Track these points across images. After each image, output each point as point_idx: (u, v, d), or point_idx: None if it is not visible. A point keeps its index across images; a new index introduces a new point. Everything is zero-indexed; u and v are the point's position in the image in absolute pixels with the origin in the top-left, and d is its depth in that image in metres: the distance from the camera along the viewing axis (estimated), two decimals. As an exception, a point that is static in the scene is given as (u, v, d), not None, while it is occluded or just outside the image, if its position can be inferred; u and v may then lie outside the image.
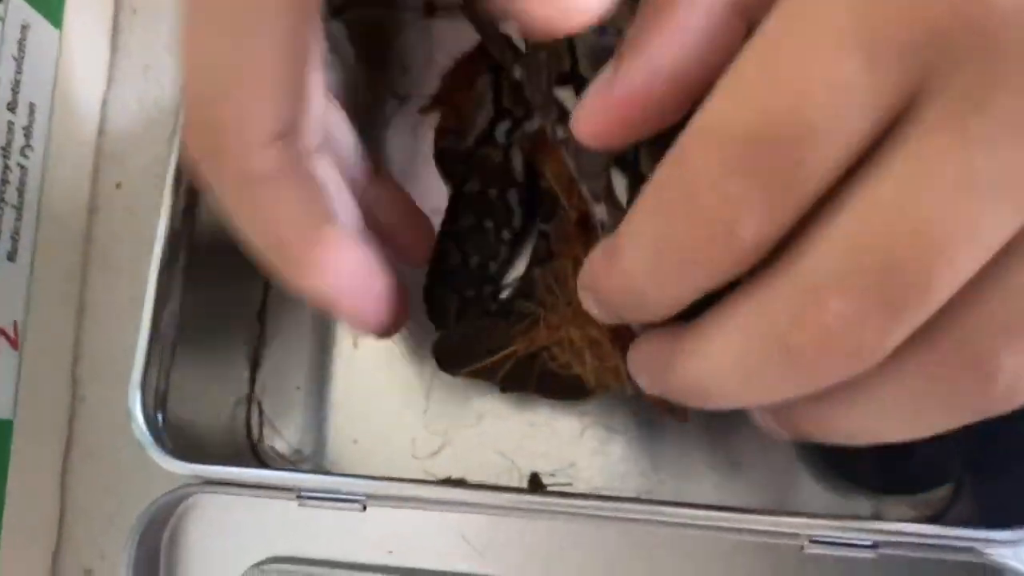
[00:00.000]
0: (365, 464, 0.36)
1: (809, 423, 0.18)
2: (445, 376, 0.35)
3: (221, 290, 0.36)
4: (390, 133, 0.39)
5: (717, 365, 0.17)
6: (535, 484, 0.35)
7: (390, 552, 0.29)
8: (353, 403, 0.37)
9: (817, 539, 0.25)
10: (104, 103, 0.42)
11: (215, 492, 0.29)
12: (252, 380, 0.38)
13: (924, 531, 0.25)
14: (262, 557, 0.30)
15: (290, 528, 0.30)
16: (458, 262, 0.32)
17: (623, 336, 0.29)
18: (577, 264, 0.29)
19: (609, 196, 0.23)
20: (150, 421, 0.29)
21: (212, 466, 0.28)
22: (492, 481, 0.34)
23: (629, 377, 0.25)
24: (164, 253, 0.30)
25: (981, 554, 0.26)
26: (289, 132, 0.22)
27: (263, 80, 0.21)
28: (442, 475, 0.35)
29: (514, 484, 0.34)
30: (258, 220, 0.23)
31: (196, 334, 0.34)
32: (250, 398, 0.37)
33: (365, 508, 0.27)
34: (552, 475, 0.35)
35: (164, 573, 0.30)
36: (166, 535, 0.30)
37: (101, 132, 0.42)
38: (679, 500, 0.33)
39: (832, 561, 0.26)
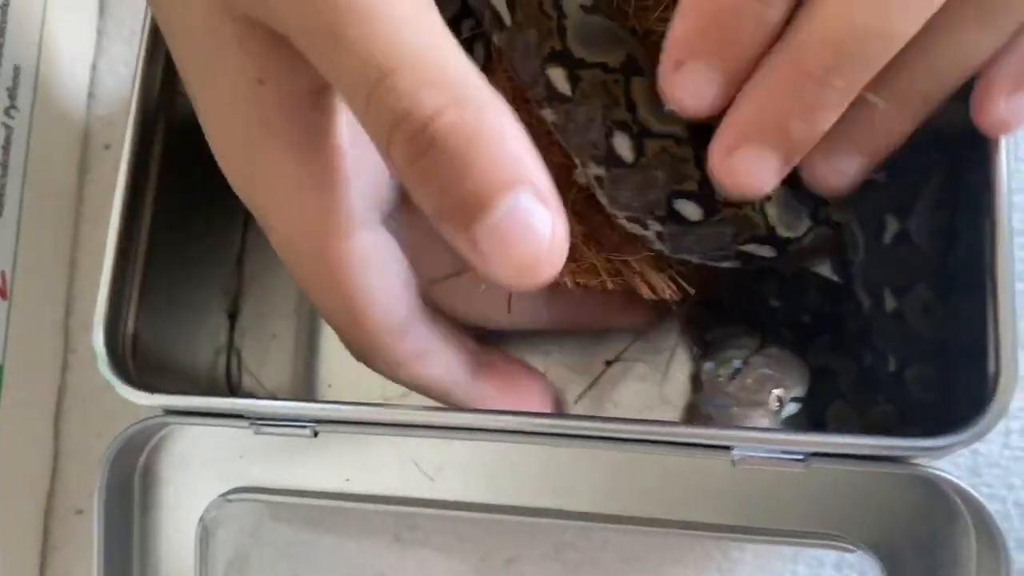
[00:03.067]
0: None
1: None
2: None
3: (199, 238, 0.37)
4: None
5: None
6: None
7: (347, 480, 0.30)
8: (327, 349, 0.38)
9: (747, 452, 0.26)
10: (93, 67, 0.44)
11: (178, 423, 0.30)
12: (231, 328, 0.39)
13: (852, 441, 0.25)
14: (228, 487, 0.31)
15: (253, 459, 0.31)
16: None
17: (598, 234, 0.29)
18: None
19: (610, 156, 0.26)
20: (116, 358, 0.30)
21: (173, 396, 0.29)
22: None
23: (608, 273, 0.28)
24: (126, 197, 0.31)
25: (911, 464, 0.26)
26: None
27: (383, 306, 0.27)
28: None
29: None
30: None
31: (174, 281, 0.35)
32: (229, 345, 0.39)
33: (316, 435, 0.28)
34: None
35: (138, 503, 0.32)
36: (139, 466, 0.32)
37: (91, 95, 0.43)
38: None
39: (765, 472, 0.27)
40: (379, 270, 0.27)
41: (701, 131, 0.25)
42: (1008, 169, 0.26)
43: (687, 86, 0.23)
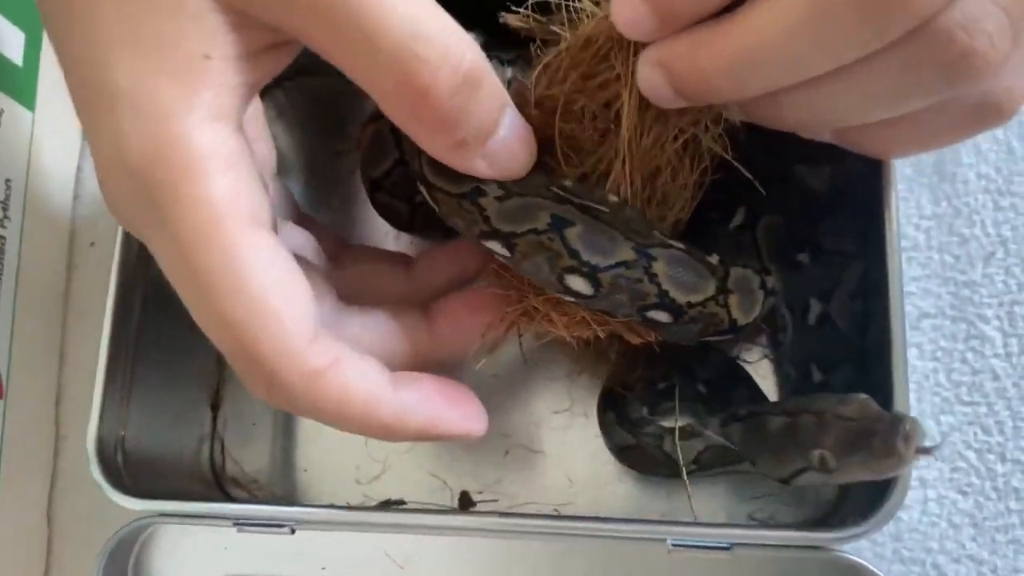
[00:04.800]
0: (315, 490, 0.40)
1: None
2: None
3: (179, 337, 0.40)
4: (332, 179, 0.44)
5: (766, 36, 0.24)
6: (465, 501, 0.39)
7: (323, 568, 0.33)
8: (303, 435, 0.41)
9: (678, 543, 0.29)
10: (79, 170, 0.46)
11: (168, 523, 0.33)
12: (214, 418, 0.42)
13: (770, 534, 0.29)
14: (215, 577, 0.34)
15: (238, 551, 0.34)
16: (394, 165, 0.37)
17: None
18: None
19: (570, 291, 0.29)
20: (108, 463, 0.33)
21: (161, 501, 0.32)
22: (426, 499, 0.38)
23: (596, 324, 0.31)
24: (116, 303, 0.34)
25: (827, 550, 0.29)
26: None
27: (280, 313, 0.25)
28: (382, 498, 0.39)
29: (447, 501, 0.39)
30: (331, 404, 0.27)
31: (160, 378, 0.38)
32: (213, 434, 0.42)
33: (294, 532, 0.31)
34: (480, 492, 0.39)
35: (131, 596, 0.34)
36: (131, 563, 0.34)
37: (76, 197, 0.46)
38: (594, 510, 0.37)
39: (698, 559, 0.30)
40: (282, 269, 0.26)
41: (645, 254, 0.28)
42: (899, 264, 0.30)
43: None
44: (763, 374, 0.38)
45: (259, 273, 0.25)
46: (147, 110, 0.25)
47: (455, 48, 0.25)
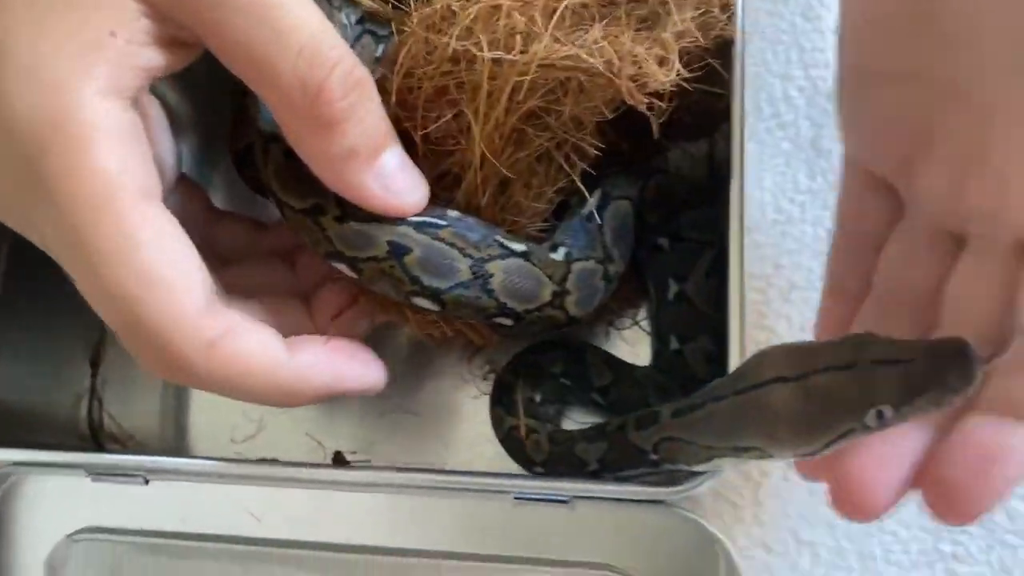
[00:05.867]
0: (191, 449, 0.40)
1: None
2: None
3: (54, 296, 0.40)
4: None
5: None
6: (338, 461, 0.39)
7: (182, 520, 0.34)
8: (183, 395, 0.41)
9: (520, 495, 0.30)
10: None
11: (24, 472, 0.33)
12: (93, 376, 0.42)
13: (608, 488, 0.29)
14: (73, 529, 0.34)
15: (96, 504, 0.34)
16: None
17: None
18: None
19: (419, 308, 0.31)
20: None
21: (15, 449, 0.32)
22: (301, 460, 0.39)
23: (446, 323, 0.33)
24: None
25: (663, 505, 0.30)
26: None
27: (171, 284, 0.26)
28: (256, 457, 0.39)
29: (320, 462, 0.39)
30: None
31: (30, 330, 0.38)
32: (92, 392, 0.42)
33: (147, 482, 0.31)
34: (354, 453, 0.40)
35: (-9, 546, 0.34)
36: (-9, 513, 0.34)
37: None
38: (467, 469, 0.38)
39: (542, 512, 0.30)
40: (173, 241, 0.27)
41: (482, 274, 0.30)
42: (741, 246, 0.30)
43: None
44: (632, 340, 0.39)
45: (149, 244, 0.26)
46: (42, 76, 0.25)
47: (348, 57, 0.27)
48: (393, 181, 0.28)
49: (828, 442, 0.26)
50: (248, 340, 0.27)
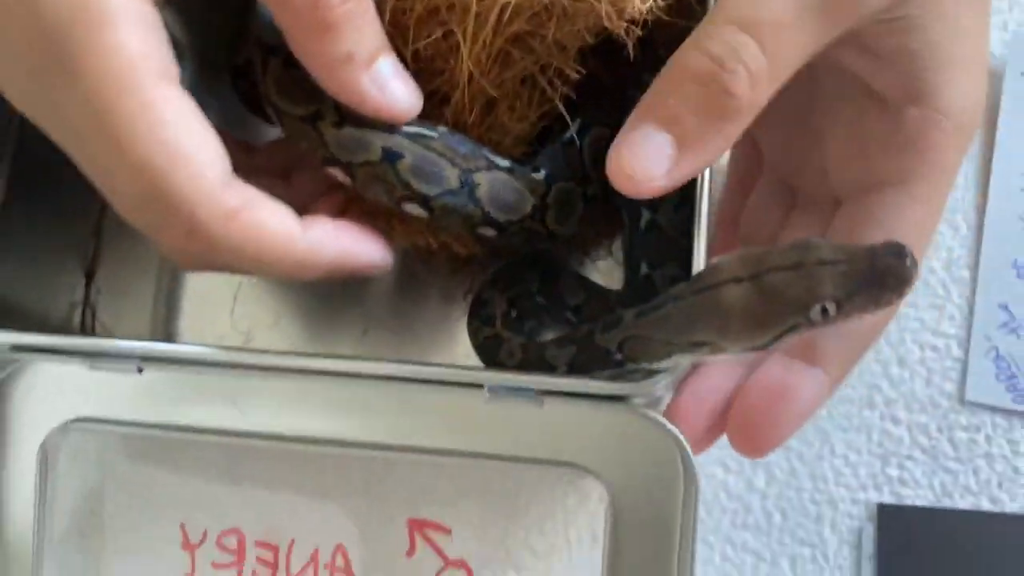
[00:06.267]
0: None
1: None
2: (249, 282, 0.41)
3: (55, 202, 0.41)
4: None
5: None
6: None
7: (173, 413, 0.35)
8: (174, 307, 0.43)
9: (493, 387, 0.31)
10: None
11: (22, 359, 0.34)
12: (87, 286, 0.43)
13: (574, 383, 0.31)
14: (67, 418, 0.36)
15: (90, 394, 0.36)
16: None
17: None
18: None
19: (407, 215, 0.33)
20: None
21: (17, 333, 0.33)
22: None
23: (431, 235, 0.35)
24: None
25: (625, 403, 0.32)
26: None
27: (195, 157, 0.27)
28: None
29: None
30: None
31: (29, 238, 0.39)
32: (85, 301, 0.43)
33: (141, 371, 0.33)
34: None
35: (-14, 433, 0.36)
36: (-12, 400, 0.36)
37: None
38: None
39: (514, 409, 0.32)
40: (194, 119, 0.28)
41: (469, 182, 0.32)
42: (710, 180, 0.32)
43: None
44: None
45: (174, 120, 0.27)
46: None
47: None
48: (388, 85, 0.30)
49: (776, 336, 0.28)
50: (265, 211, 0.29)
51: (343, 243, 0.31)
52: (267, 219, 0.29)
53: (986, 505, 0.39)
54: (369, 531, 0.38)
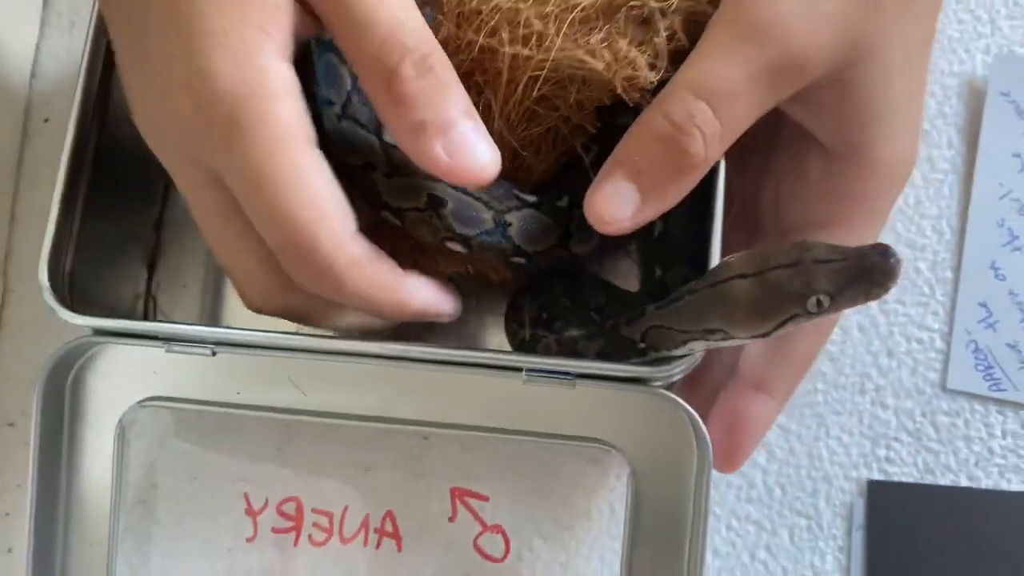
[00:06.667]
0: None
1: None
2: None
3: (125, 203, 0.45)
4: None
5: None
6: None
7: (238, 393, 0.39)
8: (223, 298, 0.47)
9: (531, 369, 0.36)
10: (37, 51, 0.51)
11: (103, 342, 0.38)
12: (149, 279, 0.47)
13: (604, 367, 0.36)
14: (143, 396, 0.40)
15: (165, 374, 0.40)
16: None
17: None
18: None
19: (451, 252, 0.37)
20: (57, 289, 0.38)
21: (100, 319, 0.37)
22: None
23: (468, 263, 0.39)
24: (70, 163, 0.39)
25: (650, 386, 0.36)
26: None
27: (334, 213, 0.32)
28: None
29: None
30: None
31: (104, 236, 0.43)
32: (147, 292, 0.47)
33: (215, 354, 0.37)
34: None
35: (68, 409, 0.40)
36: (70, 379, 0.40)
37: (33, 75, 0.51)
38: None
39: (548, 390, 0.36)
40: (330, 180, 0.33)
41: (502, 223, 0.37)
42: (721, 190, 0.36)
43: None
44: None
45: (318, 181, 0.32)
46: (235, 47, 0.31)
47: (425, 45, 0.32)
48: (460, 152, 0.32)
49: (777, 325, 0.32)
50: (382, 264, 0.34)
51: (429, 294, 0.36)
52: (382, 270, 0.34)
53: (964, 482, 0.43)
54: (415, 499, 0.42)
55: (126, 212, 0.46)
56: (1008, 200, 0.45)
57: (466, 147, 0.32)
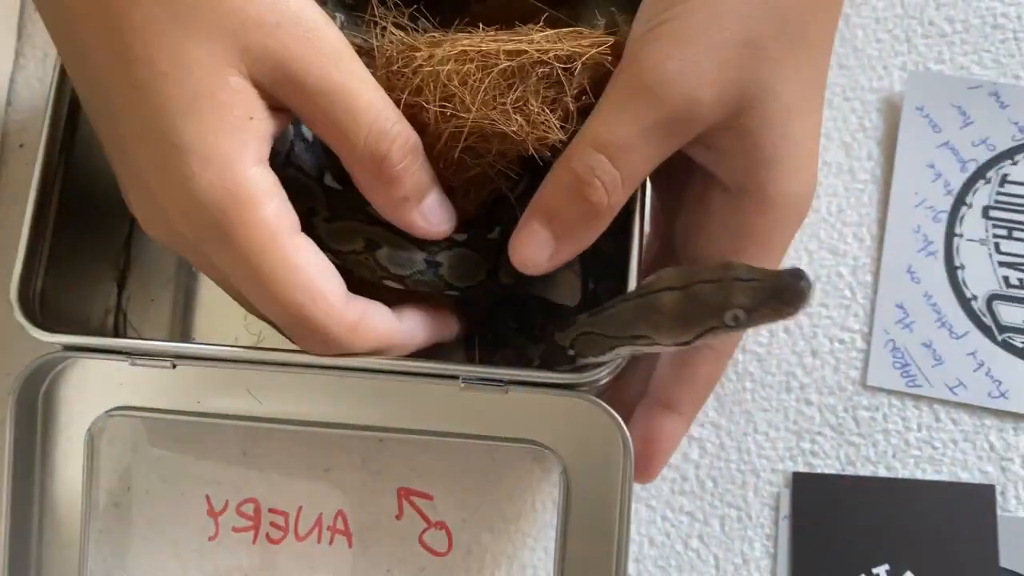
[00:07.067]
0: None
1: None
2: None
3: (95, 223, 0.48)
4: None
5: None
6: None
7: (199, 403, 0.42)
8: (191, 309, 0.50)
9: (467, 378, 0.39)
10: (12, 81, 0.54)
11: (73, 356, 0.41)
12: (119, 294, 0.50)
13: (534, 374, 0.38)
14: (110, 406, 0.43)
15: (131, 386, 0.42)
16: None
17: None
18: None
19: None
20: (28, 308, 0.41)
21: (69, 335, 0.40)
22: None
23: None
24: (40, 185, 0.42)
25: (576, 391, 0.39)
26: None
27: (325, 292, 0.36)
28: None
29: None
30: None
31: (74, 255, 0.46)
32: (117, 307, 0.50)
33: (175, 366, 0.40)
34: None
35: (40, 419, 0.43)
36: (42, 391, 0.42)
37: (9, 103, 0.54)
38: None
39: (484, 396, 0.39)
40: (317, 260, 0.36)
41: (434, 263, 0.40)
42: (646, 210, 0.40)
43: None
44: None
45: (306, 267, 0.35)
46: (214, 159, 0.34)
47: (404, 129, 0.36)
48: (432, 215, 0.38)
49: (697, 334, 0.35)
50: (375, 317, 0.37)
51: (429, 325, 0.40)
52: (377, 323, 0.37)
53: (883, 472, 0.46)
54: (365, 499, 0.45)
55: (96, 231, 0.48)
56: (923, 208, 0.48)
57: (437, 211, 0.38)
